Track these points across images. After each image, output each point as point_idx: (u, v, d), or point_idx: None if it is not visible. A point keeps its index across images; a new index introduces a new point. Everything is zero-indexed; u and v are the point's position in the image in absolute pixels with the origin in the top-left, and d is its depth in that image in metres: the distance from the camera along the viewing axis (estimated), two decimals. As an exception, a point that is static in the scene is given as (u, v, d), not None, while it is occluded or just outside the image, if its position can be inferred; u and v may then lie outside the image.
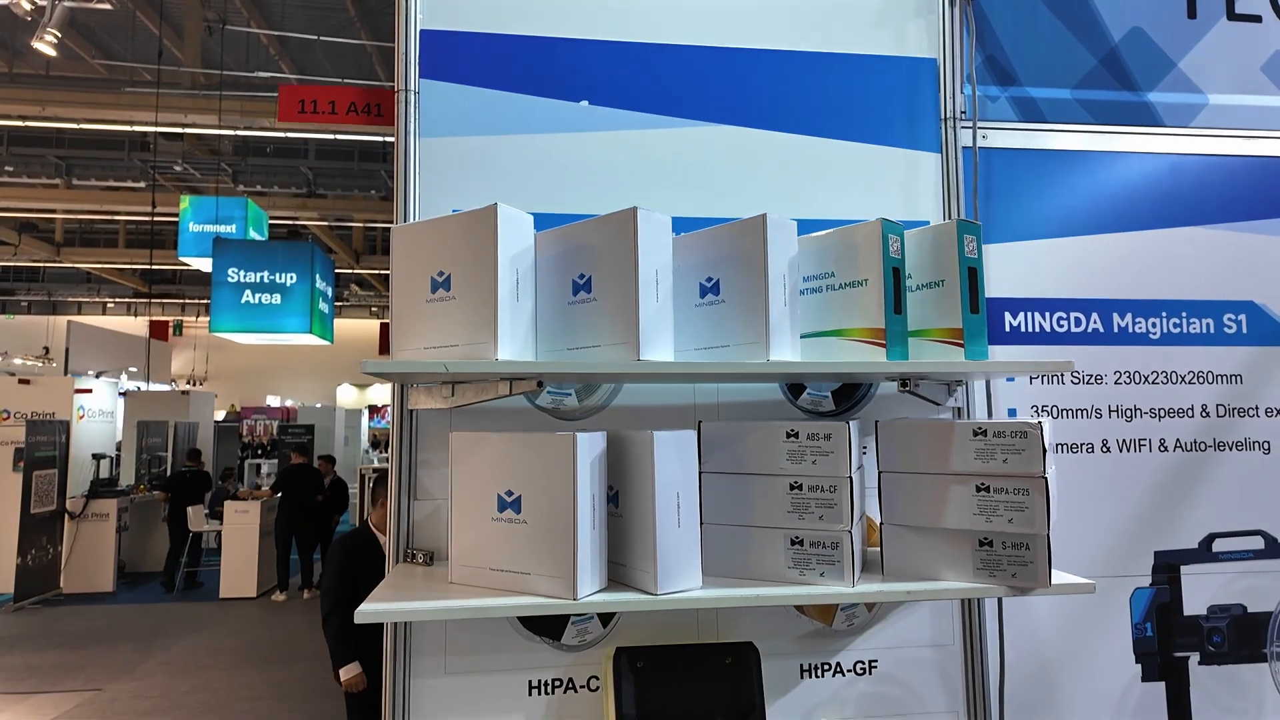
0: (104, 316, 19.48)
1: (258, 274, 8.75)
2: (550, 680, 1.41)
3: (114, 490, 9.52)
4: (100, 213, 13.30)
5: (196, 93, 9.40)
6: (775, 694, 1.45)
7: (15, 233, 14.34)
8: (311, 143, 12.30)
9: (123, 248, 15.60)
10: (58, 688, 6.03)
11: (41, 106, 9.54)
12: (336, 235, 15.12)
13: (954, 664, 1.51)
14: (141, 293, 18.05)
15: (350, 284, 18.82)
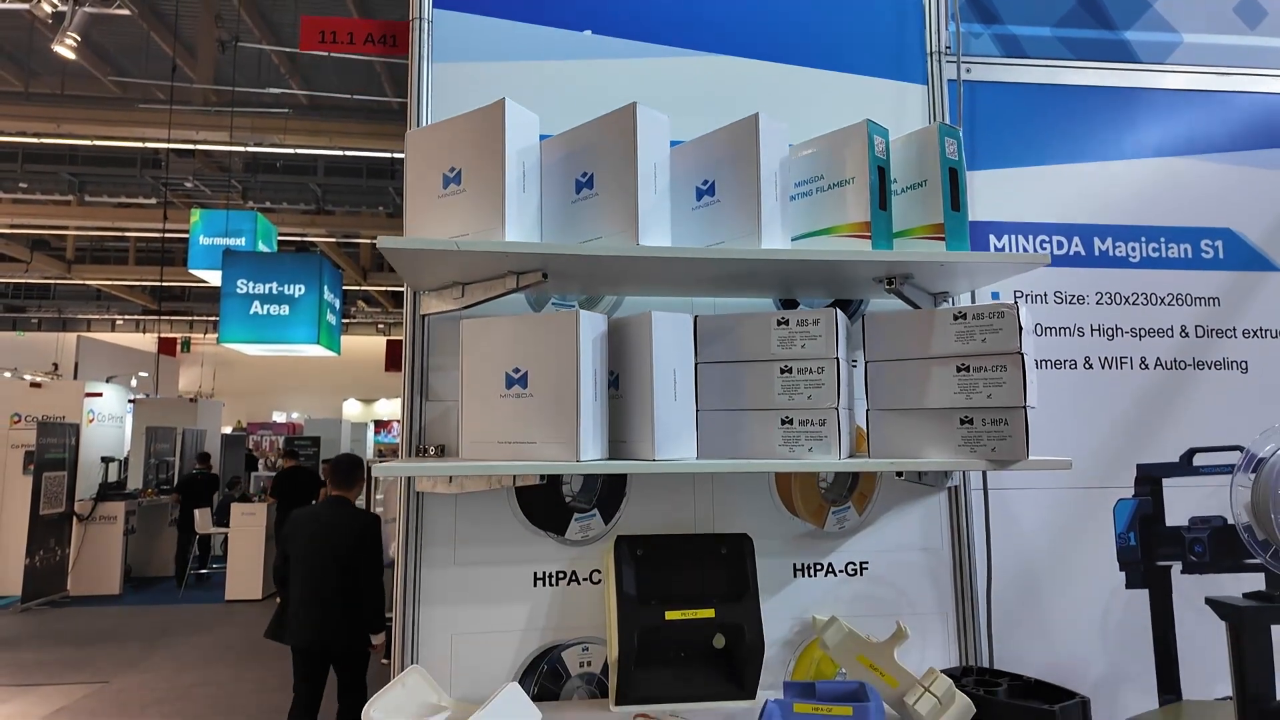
0: (113, 333, 19.66)
1: (266, 285, 8.86)
2: (554, 573, 1.47)
3: (122, 493, 9.59)
4: (111, 229, 13.51)
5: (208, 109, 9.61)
6: (769, 591, 1.50)
7: (28, 250, 14.55)
8: (321, 159, 12.52)
9: (132, 265, 15.81)
10: (65, 680, 6.06)
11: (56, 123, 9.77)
12: (344, 252, 15.30)
13: (943, 567, 1.56)
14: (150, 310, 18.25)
15: (357, 300, 19.02)
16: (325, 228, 13.78)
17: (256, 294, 8.77)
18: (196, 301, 19.03)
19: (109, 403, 10.12)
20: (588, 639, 1.47)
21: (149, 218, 12.72)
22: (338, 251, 15.10)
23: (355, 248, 15.93)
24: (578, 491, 1.50)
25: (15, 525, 8.75)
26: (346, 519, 3.60)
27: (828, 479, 1.56)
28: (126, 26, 8.79)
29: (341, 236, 14.30)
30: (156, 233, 12.49)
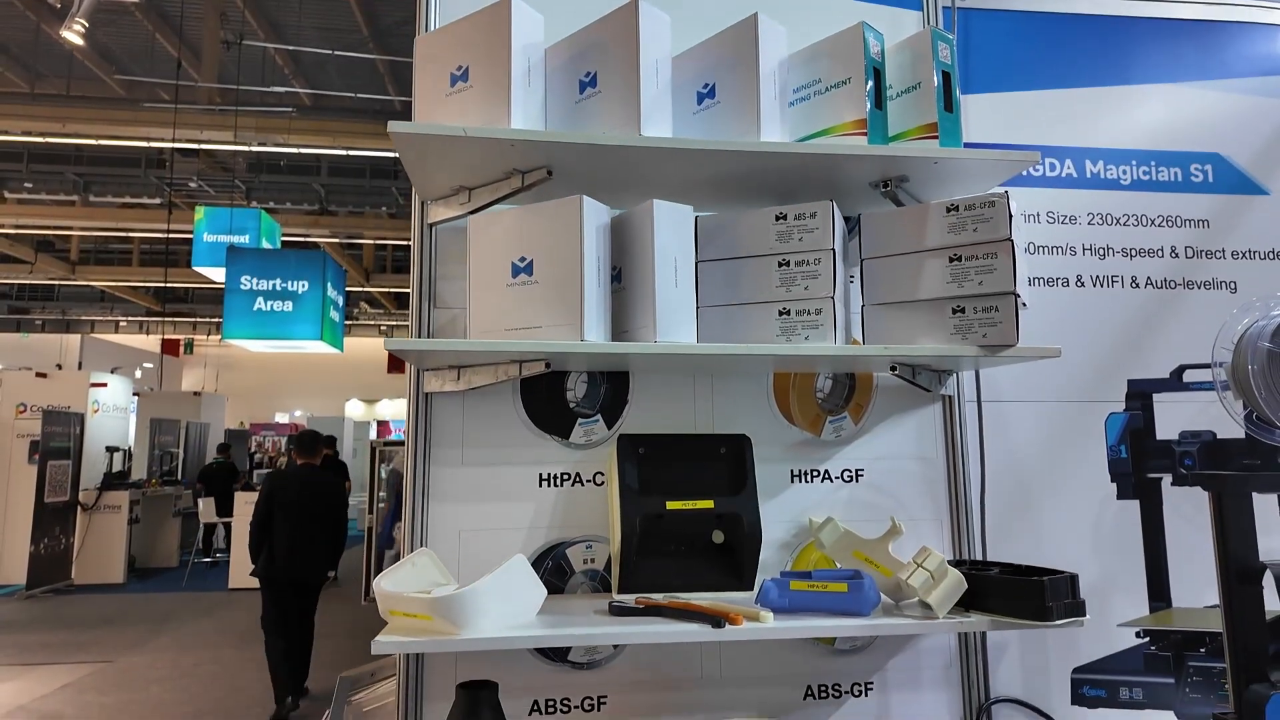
0: (116, 335, 19.74)
1: (270, 281, 8.92)
2: (559, 474, 1.51)
3: (126, 483, 9.64)
4: (116, 230, 13.59)
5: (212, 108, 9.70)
6: (767, 495, 1.54)
7: (33, 250, 14.63)
8: (324, 159, 12.61)
9: (136, 266, 15.90)
10: (70, 660, 6.10)
11: (62, 123, 9.87)
12: (347, 254, 15.38)
13: (937, 475, 1.60)
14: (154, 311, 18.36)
15: (360, 302, 19.10)
16: (328, 228, 13.85)
17: (260, 290, 8.83)
18: (200, 303, 19.12)
19: (114, 393, 10.17)
20: (591, 537, 1.50)
21: (153, 218, 12.81)
22: (341, 253, 15.18)
23: (358, 249, 16.01)
24: (581, 397, 1.54)
25: (20, 514, 8.80)
26: (316, 480, 4.84)
27: (824, 389, 1.60)
28: (131, 27, 8.89)
29: (345, 237, 14.37)
30: (160, 233, 12.58)
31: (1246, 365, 1.07)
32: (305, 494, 4.68)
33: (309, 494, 4.69)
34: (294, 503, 4.61)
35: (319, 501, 4.69)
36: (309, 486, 4.74)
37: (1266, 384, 1.06)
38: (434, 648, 1.14)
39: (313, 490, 4.73)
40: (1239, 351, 1.10)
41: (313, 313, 9.20)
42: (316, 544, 4.66)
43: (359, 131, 10.52)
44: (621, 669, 1.47)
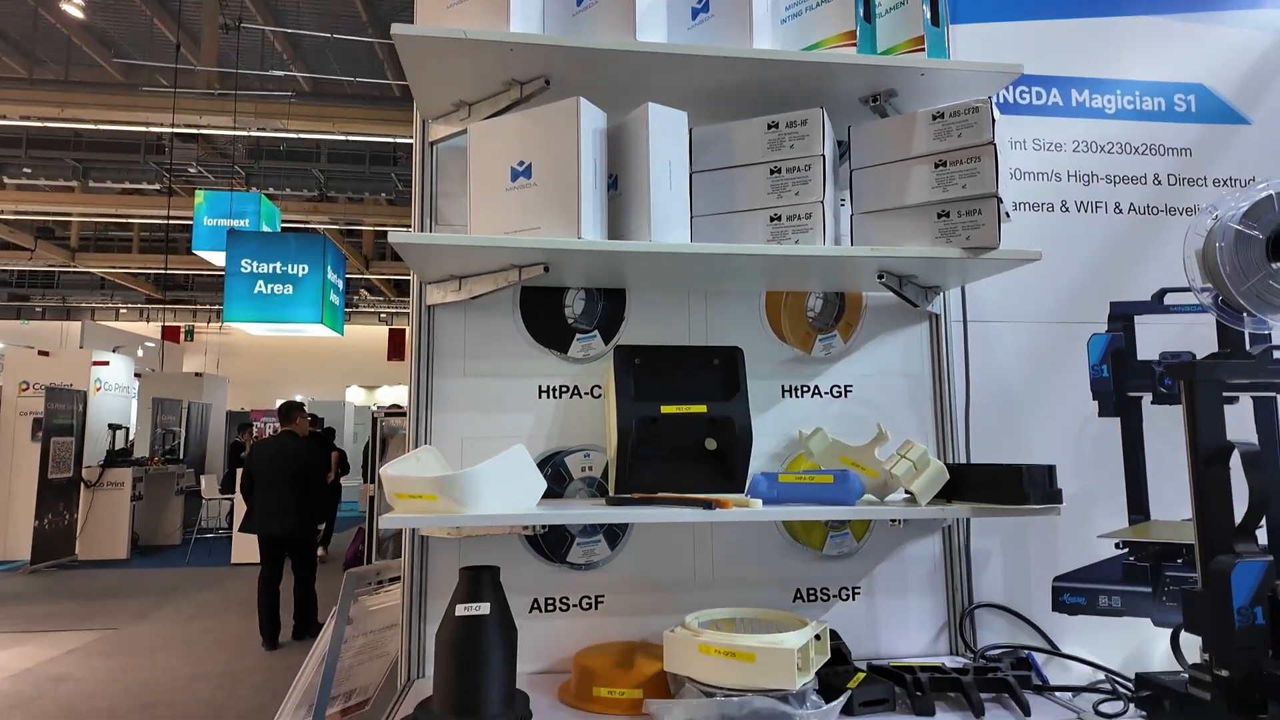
0: (116, 322, 19.78)
1: (270, 265, 8.94)
2: (558, 387, 1.56)
3: (129, 460, 9.70)
4: (115, 216, 13.60)
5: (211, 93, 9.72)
6: (759, 410, 1.59)
7: (32, 237, 14.65)
8: (324, 145, 12.61)
9: (136, 253, 15.91)
10: (75, 628, 6.17)
11: (60, 108, 9.88)
12: (347, 241, 15.39)
13: (923, 392, 1.65)
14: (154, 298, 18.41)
15: (360, 289, 19.14)
16: (328, 215, 13.87)
17: (260, 273, 8.85)
18: (200, 290, 19.15)
19: (116, 372, 10.22)
20: (589, 447, 1.56)
21: (152, 204, 12.83)
22: (340, 239, 15.21)
23: (358, 236, 16.03)
24: (579, 314, 1.59)
25: (24, 490, 8.87)
26: (289, 445, 5.50)
27: (815, 308, 1.65)
28: (130, 11, 8.89)
29: (344, 224, 14.39)
30: (160, 219, 12.60)
31: (1215, 244, 1.11)
32: (279, 457, 5.38)
33: (281, 457, 5.39)
34: (267, 465, 5.35)
35: (291, 462, 5.35)
36: (282, 450, 5.44)
37: (1232, 262, 1.11)
38: (439, 523, 1.19)
39: (285, 454, 5.41)
40: (1210, 235, 1.14)
41: (313, 296, 9.22)
42: (288, 502, 5.27)
43: (358, 116, 10.54)
44: (617, 570, 1.53)
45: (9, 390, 9.29)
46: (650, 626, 1.51)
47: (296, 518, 5.33)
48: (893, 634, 1.57)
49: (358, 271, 16.29)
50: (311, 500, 5.44)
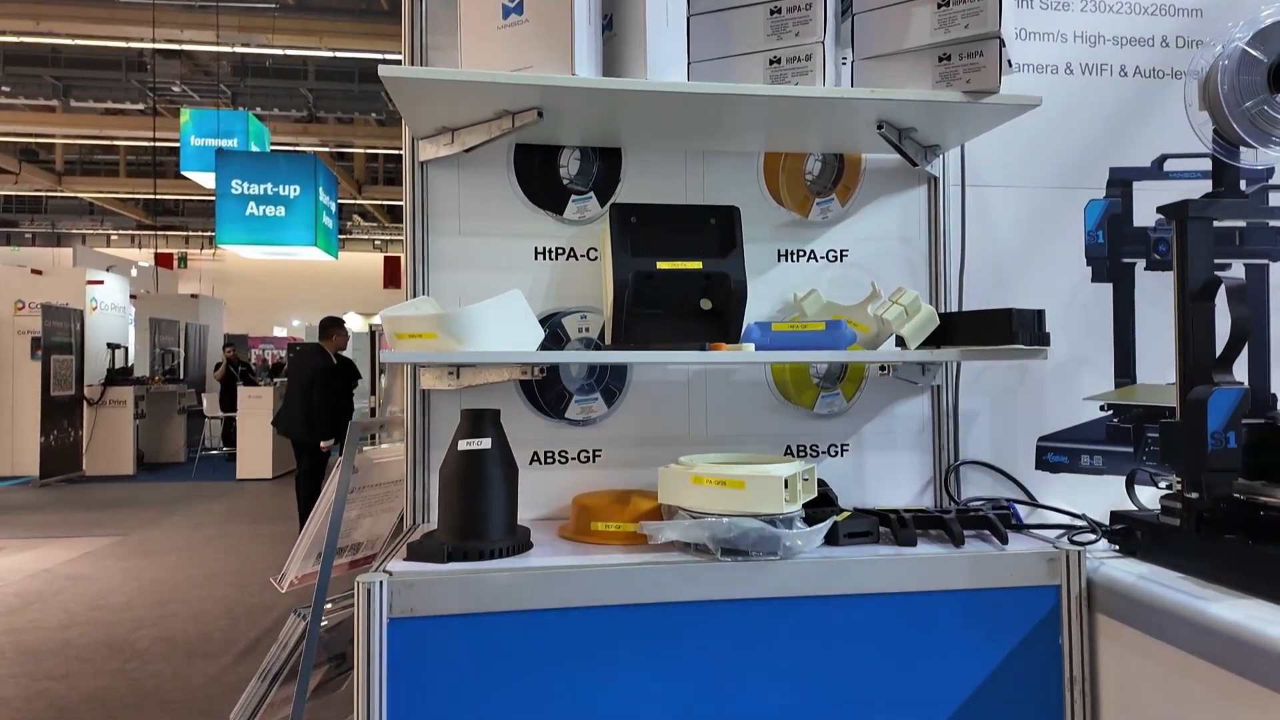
0: (108, 249, 19.54)
1: (261, 186, 8.76)
2: (554, 248, 1.56)
3: (130, 379, 9.77)
4: (99, 138, 13.25)
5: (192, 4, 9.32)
6: (755, 273, 1.60)
7: (17, 160, 14.30)
8: (311, 62, 12.19)
9: (124, 177, 15.59)
10: (88, 534, 6.34)
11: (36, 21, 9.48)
12: (338, 165, 15.07)
13: (918, 256, 1.66)
14: (145, 224, 18.12)
15: (353, 215, 18.85)
16: (318, 136, 13.53)
17: (251, 195, 8.69)
18: (191, 216, 18.86)
19: (110, 292, 10.17)
20: (586, 308, 1.57)
21: (137, 125, 12.49)
22: (331, 163, 14.88)
23: (349, 160, 15.69)
24: (574, 174, 1.58)
25: (28, 408, 8.96)
26: (312, 359, 5.81)
27: (813, 171, 1.64)
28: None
29: (335, 146, 14.06)
30: (146, 142, 12.29)
31: (1219, 65, 1.10)
32: (295, 367, 6.02)
33: (297, 368, 5.98)
34: (291, 373, 6.23)
35: (302, 374, 5.77)
36: (300, 361, 5.98)
37: (1232, 83, 1.10)
38: (439, 358, 1.22)
39: (300, 365, 5.90)
40: (1214, 62, 1.13)
41: (305, 218, 9.09)
42: (296, 410, 5.70)
43: (346, 31, 10.15)
44: (614, 427, 1.57)
45: (4, 309, 9.27)
46: (646, 478, 1.56)
47: (302, 426, 5.66)
48: (879, 488, 1.63)
49: (350, 197, 16.03)
50: (310, 410, 5.64)
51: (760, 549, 1.16)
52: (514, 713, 1.13)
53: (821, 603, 1.19)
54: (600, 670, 1.15)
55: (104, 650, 3.80)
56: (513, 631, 1.13)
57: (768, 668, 1.18)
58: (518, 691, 1.13)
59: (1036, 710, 1.24)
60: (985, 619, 1.23)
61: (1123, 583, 1.18)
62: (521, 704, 1.13)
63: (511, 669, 1.13)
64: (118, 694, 3.30)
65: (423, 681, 1.11)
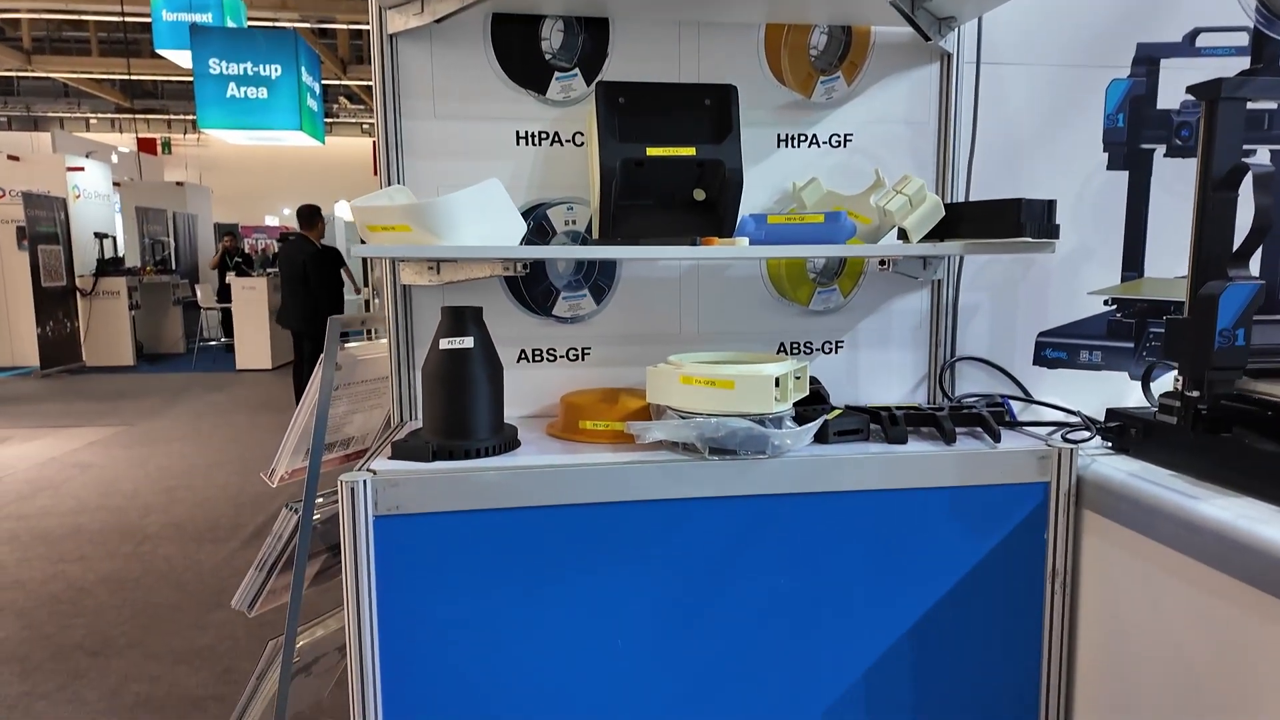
0: (88, 133, 18.81)
1: (240, 65, 8.29)
2: (537, 132, 1.47)
3: (122, 270, 9.65)
4: (66, 11, 12.42)
5: None
6: (752, 160, 1.51)
7: (-20, 35, 13.49)
8: (289, -75, 11.25)
9: (96, 56, 14.75)
10: (92, 424, 6.44)
11: None
12: (321, 43, 14.21)
13: (926, 142, 1.56)
14: (124, 108, 17.33)
15: (339, 97, 18.02)
16: (297, 11, 12.71)
17: (231, 75, 8.26)
18: (172, 99, 18.05)
19: (92, 179, 9.87)
20: (572, 199, 1.49)
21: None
22: (313, 40, 14.06)
23: (332, 38, 14.82)
24: (557, 48, 1.46)
25: (20, 299, 8.89)
26: (299, 249, 5.93)
27: (818, 45, 1.51)
28: None
29: (315, 21, 13.23)
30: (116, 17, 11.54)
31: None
32: (285, 259, 6.00)
33: (287, 259, 5.98)
34: (282, 266, 6.04)
35: (292, 265, 5.89)
36: (289, 252, 6.00)
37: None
38: (412, 253, 1.16)
39: (290, 256, 5.95)
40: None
41: (289, 100, 8.71)
42: (290, 301, 5.92)
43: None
44: (603, 324, 1.52)
45: (-16, 197, 9.01)
46: (635, 377, 1.54)
47: (299, 316, 5.86)
48: (873, 385, 1.60)
49: (334, 77, 15.28)
50: (312, 302, 5.86)
51: (749, 448, 1.14)
52: (503, 607, 1.15)
53: (809, 500, 1.19)
54: (588, 567, 1.16)
55: (116, 535, 3.92)
56: (501, 528, 1.13)
57: (755, 563, 1.20)
58: (507, 587, 1.14)
59: (1017, 603, 1.26)
60: (973, 515, 1.23)
61: (1113, 479, 1.17)
62: (510, 599, 1.15)
63: (500, 565, 1.14)
64: (132, 576, 3.43)
65: (411, 577, 1.12)
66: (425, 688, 1.14)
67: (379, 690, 1.12)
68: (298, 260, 5.88)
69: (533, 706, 1.17)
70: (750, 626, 1.21)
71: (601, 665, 1.18)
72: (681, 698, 1.21)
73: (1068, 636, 1.27)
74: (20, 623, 3.00)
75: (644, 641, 1.19)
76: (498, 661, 1.15)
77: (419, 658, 1.13)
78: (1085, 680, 1.26)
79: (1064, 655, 1.27)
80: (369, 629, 1.10)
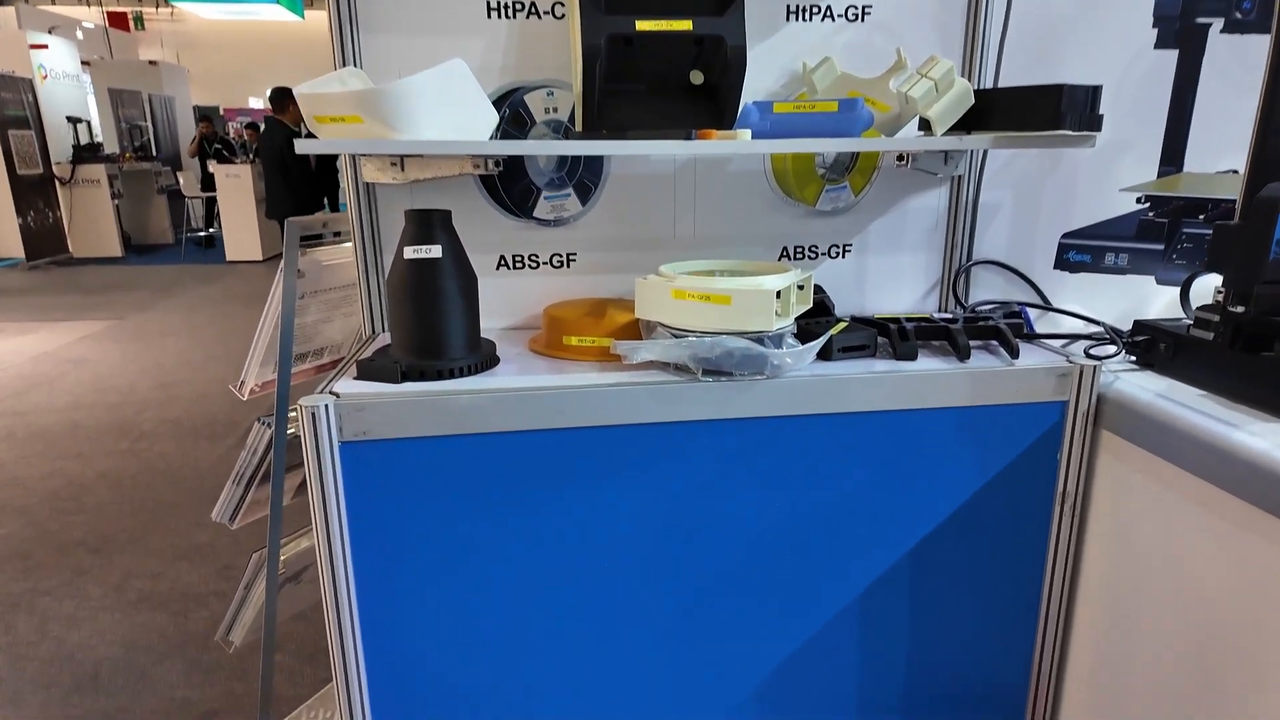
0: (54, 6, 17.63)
1: None
2: (511, 2, 1.28)
3: (100, 156, 9.28)
4: None
5: None
6: (757, 37, 1.34)
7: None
8: None
9: (54, -84, 13.57)
10: (83, 318, 6.35)
11: None
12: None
13: (955, 18, 1.38)
14: (89, -24, 16.13)
15: (318, -34, 16.78)
16: None
17: (199, -60, 7.65)
18: (142, -31, 16.81)
19: (59, 58, 9.32)
20: (553, 82, 1.33)
21: None
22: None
23: (305, -108, 13.57)
24: (534, -98, 1.26)
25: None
26: (276, 134, 5.82)
27: (835, -102, 1.30)
28: None
29: (286, -125, 12.06)
30: None
31: None
32: (262, 145, 6.08)
33: (263, 145, 6.00)
34: (261, 154, 6.15)
35: (269, 151, 5.83)
36: (265, 138, 5.96)
37: None
38: (363, 148, 1.02)
39: (266, 141, 5.91)
40: None
41: (264, -30, 8.17)
42: (273, 189, 5.89)
43: None
44: (590, 227, 1.39)
45: (-55, 78, 8.54)
46: (625, 286, 1.42)
47: (283, 207, 5.80)
48: (881, 292, 1.49)
49: (312, -55, 14.16)
50: (296, 191, 5.82)
51: (746, 369, 1.05)
52: (485, 537, 1.09)
53: (809, 422, 1.11)
54: (573, 494, 1.09)
55: (112, 432, 3.91)
56: (478, 454, 1.05)
57: (752, 488, 1.13)
58: (486, 515, 1.08)
59: (1022, 525, 1.21)
60: (983, 436, 1.16)
61: (1138, 400, 1.09)
62: (491, 527, 1.09)
63: (478, 492, 1.07)
64: (130, 473, 3.44)
65: (384, 504, 1.05)
66: (404, 622, 1.10)
67: (357, 627, 1.08)
68: (274, 147, 5.70)
69: (517, 640, 1.14)
70: (744, 555, 1.16)
71: (587, 597, 1.14)
72: (671, 630, 1.18)
73: (1072, 560, 1.22)
74: (21, 520, 3.02)
75: (632, 571, 1.14)
76: (480, 594, 1.11)
77: (397, 591, 1.09)
78: (1086, 602, 1.22)
79: (1066, 577, 1.23)
80: (341, 560, 1.05)
